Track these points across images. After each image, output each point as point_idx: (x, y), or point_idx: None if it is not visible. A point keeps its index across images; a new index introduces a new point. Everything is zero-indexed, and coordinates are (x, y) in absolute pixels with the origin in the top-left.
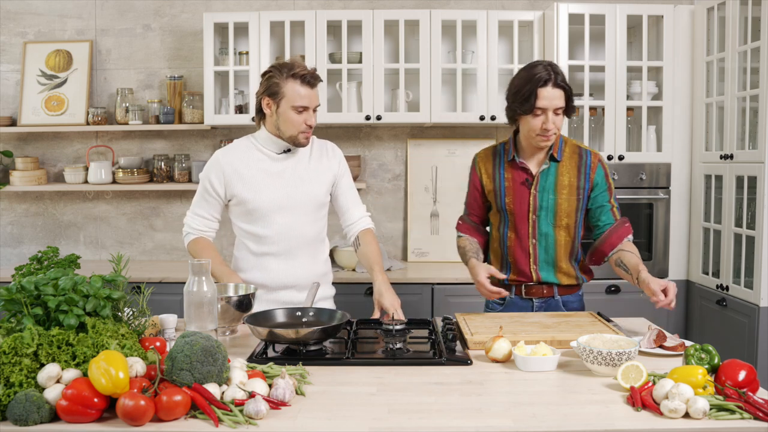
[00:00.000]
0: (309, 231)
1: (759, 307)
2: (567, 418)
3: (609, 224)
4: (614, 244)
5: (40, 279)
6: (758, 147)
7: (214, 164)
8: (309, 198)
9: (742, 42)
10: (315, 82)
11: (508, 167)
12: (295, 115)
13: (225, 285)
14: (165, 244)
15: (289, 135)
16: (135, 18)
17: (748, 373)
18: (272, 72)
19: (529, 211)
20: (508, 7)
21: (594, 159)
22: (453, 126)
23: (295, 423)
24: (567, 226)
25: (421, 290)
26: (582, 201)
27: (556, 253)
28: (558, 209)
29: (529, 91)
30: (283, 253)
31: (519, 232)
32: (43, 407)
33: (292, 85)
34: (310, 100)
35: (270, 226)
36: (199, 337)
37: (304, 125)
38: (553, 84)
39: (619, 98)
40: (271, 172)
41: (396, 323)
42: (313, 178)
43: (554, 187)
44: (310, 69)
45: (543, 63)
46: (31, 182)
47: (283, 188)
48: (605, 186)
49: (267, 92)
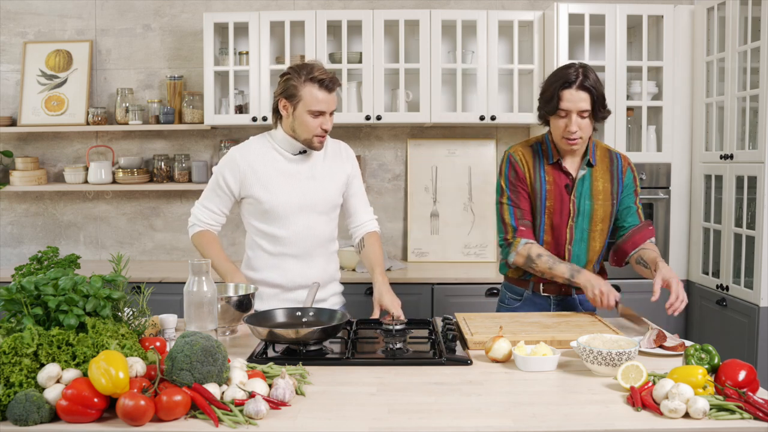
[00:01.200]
0: (324, 231)
1: (759, 307)
2: (567, 418)
3: (634, 225)
4: (637, 243)
5: (40, 279)
6: (758, 147)
7: (230, 161)
8: (324, 199)
9: (742, 42)
10: (333, 86)
11: (549, 169)
12: (311, 119)
13: (225, 285)
14: (165, 244)
15: (303, 138)
16: (135, 18)
17: (748, 373)
18: (290, 74)
19: (568, 216)
20: (508, 7)
21: (624, 162)
22: (453, 126)
23: (295, 423)
24: (601, 231)
25: (421, 290)
26: (615, 206)
27: (588, 258)
28: (594, 215)
29: (553, 91)
30: (300, 254)
31: (557, 239)
32: (43, 407)
33: (310, 89)
34: (328, 105)
35: (287, 227)
36: (199, 337)
37: (320, 129)
38: (578, 86)
39: (619, 98)
40: (287, 172)
41: (396, 323)
42: (327, 178)
43: (590, 193)
44: (330, 73)
45: (576, 65)
46: (31, 182)
47: (299, 189)
48: (633, 188)
49: (284, 94)
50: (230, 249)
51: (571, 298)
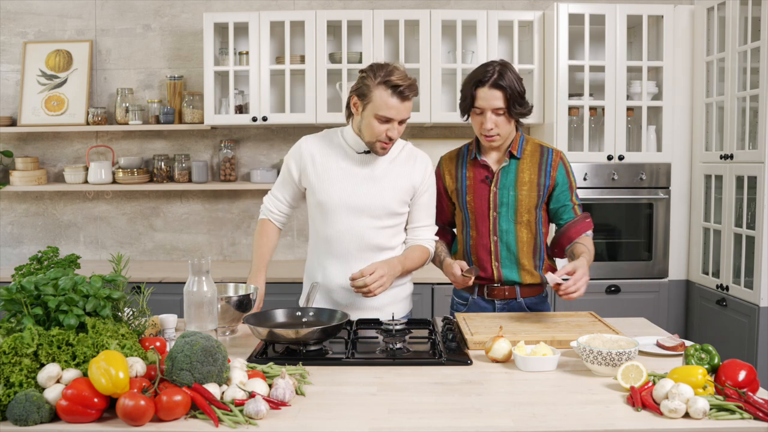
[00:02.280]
0: (373, 237)
1: (759, 307)
2: (567, 418)
3: (569, 220)
4: (572, 238)
5: (40, 279)
6: (758, 147)
7: (296, 149)
8: (378, 203)
9: (742, 42)
10: (409, 94)
11: (470, 166)
12: (378, 123)
13: (225, 285)
14: (165, 244)
15: (367, 140)
16: (135, 18)
17: (748, 373)
18: (367, 73)
19: (489, 208)
20: (508, 7)
21: (556, 157)
22: (453, 126)
23: (295, 423)
24: (528, 222)
25: (421, 290)
26: (542, 198)
27: (518, 250)
28: (518, 205)
29: (469, 89)
30: (341, 255)
31: (480, 230)
32: (43, 407)
33: (382, 92)
34: (398, 113)
35: (332, 225)
36: (199, 337)
37: (385, 135)
38: (491, 84)
39: (619, 98)
40: (347, 170)
41: (396, 323)
42: (386, 182)
43: (514, 184)
44: (409, 79)
45: (494, 63)
46: (31, 182)
47: (353, 188)
48: (566, 185)
49: (357, 92)
50: (230, 249)
51: (516, 302)
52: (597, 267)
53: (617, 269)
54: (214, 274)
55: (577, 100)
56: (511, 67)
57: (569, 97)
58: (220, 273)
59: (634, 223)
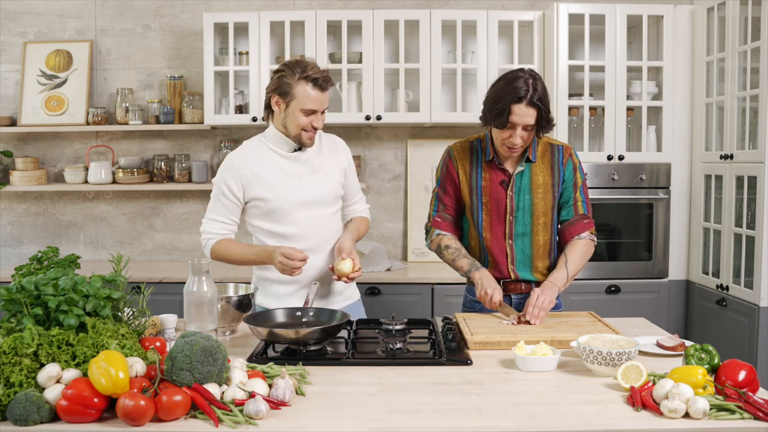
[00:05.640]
0: (331, 224)
1: (759, 307)
2: (567, 418)
3: (566, 220)
4: (565, 239)
5: (40, 279)
6: (758, 147)
7: (229, 167)
8: (328, 192)
9: (742, 42)
10: (327, 85)
11: (486, 166)
12: (303, 117)
13: (225, 285)
14: (165, 244)
15: (294, 134)
16: (135, 18)
17: (748, 373)
18: (284, 71)
19: (506, 212)
20: (508, 7)
21: (565, 154)
22: (453, 126)
23: (295, 423)
24: (544, 224)
25: (421, 290)
26: (557, 198)
27: (533, 253)
28: (534, 209)
29: (504, 105)
30: (311, 249)
31: (495, 233)
32: (43, 407)
33: (303, 87)
34: (320, 104)
35: (294, 224)
36: (199, 337)
37: (310, 126)
38: (528, 102)
39: (619, 98)
40: (287, 170)
41: (396, 323)
42: (327, 171)
43: (530, 187)
44: (323, 72)
45: (525, 76)
46: (31, 182)
47: (301, 185)
48: (572, 181)
49: (277, 91)
50: None
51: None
52: (597, 267)
53: (617, 269)
54: (214, 274)
55: (577, 100)
56: (540, 78)
57: (569, 97)
58: (220, 273)
59: (634, 223)
